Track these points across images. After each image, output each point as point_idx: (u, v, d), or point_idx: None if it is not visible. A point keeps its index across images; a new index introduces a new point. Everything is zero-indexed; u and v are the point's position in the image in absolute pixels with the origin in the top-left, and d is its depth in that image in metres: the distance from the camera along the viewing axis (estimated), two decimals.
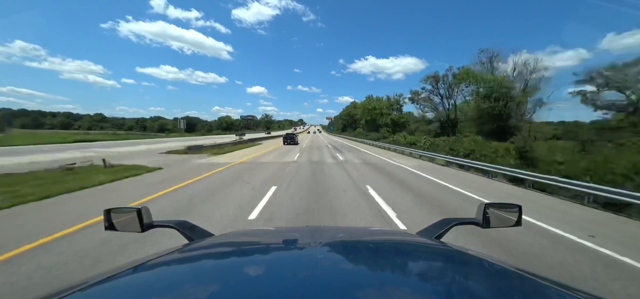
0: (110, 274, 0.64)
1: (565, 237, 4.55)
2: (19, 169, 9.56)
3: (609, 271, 3.41)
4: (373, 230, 2.34)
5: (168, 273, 0.74)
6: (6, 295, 2.54)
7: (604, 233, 4.86)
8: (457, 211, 5.99)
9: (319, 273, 0.67)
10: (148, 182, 8.17)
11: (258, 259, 0.87)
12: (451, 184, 9.13)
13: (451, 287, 0.68)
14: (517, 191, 9.04)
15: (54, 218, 4.65)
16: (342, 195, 6.91)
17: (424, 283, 0.71)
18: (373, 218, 5.15)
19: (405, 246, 1.07)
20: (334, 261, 0.83)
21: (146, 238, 3.46)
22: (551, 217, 5.69)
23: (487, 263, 0.82)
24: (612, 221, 5.82)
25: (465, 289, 0.68)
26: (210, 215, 5.06)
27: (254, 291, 0.56)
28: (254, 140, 35.57)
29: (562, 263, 3.58)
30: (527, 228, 4.81)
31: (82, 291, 0.56)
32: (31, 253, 3.33)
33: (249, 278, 0.67)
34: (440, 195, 7.45)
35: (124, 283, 0.64)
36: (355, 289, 0.59)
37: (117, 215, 1.10)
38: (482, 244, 3.97)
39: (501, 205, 1.20)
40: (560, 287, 0.61)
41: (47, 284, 2.69)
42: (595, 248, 4.09)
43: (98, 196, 6.32)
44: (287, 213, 5.27)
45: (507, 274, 0.75)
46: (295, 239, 1.10)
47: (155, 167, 10.79)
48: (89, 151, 18.69)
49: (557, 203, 7.35)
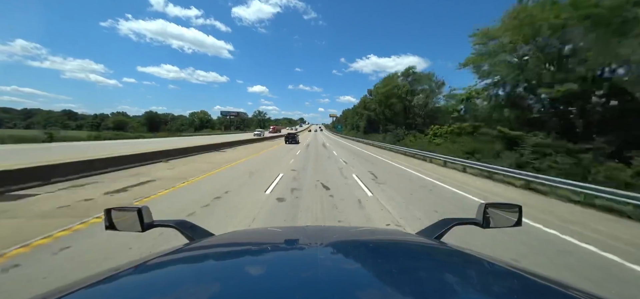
0: (110, 274, 0.64)
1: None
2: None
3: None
4: (373, 230, 2.31)
5: (168, 273, 0.74)
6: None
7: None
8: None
9: (320, 273, 0.67)
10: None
11: (258, 259, 0.86)
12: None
13: (451, 287, 0.68)
14: None
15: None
16: None
17: (424, 283, 0.68)
18: None
19: (405, 246, 1.06)
20: (335, 261, 0.82)
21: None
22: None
23: (487, 263, 0.81)
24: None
25: (466, 289, 0.68)
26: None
27: (255, 291, 0.57)
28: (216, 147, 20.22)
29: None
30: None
31: (82, 291, 0.55)
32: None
33: (250, 277, 0.67)
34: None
35: (124, 283, 0.64)
36: (356, 289, 0.59)
37: (118, 214, 1.10)
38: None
39: (501, 205, 1.20)
40: (560, 287, 0.61)
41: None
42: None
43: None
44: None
45: (507, 274, 0.75)
46: (295, 239, 1.11)
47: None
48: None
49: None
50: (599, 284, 3.17)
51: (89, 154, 12.50)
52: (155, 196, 6.46)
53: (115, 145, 21.39)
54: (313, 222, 4.87)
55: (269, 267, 0.75)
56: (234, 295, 0.55)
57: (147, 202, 5.88)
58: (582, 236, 4.63)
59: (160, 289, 0.60)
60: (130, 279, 0.65)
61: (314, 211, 5.52)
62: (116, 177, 8.49)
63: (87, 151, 14.82)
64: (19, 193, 6.19)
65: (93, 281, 0.60)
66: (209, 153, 17.39)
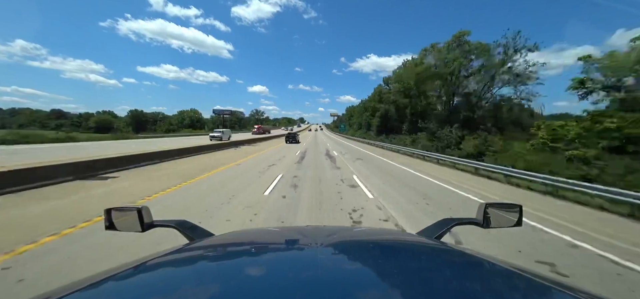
0: (110, 274, 0.64)
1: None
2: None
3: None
4: (373, 230, 2.27)
5: (168, 273, 0.73)
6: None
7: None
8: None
9: (320, 273, 0.67)
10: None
11: (258, 259, 0.86)
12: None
13: (451, 287, 0.66)
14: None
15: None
16: None
17: (424, 283, 0.68)
18: None
19: (405, 246, 1.06)
20: (335, 261, 0.82)
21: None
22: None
23: (487, 263, 0.81)
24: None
25: (465, 289, 0.66)
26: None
27: (255, 291, 0.56)
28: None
29: None
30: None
31: (82, 291, 0.55)
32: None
33: (250, 278, 0.66)
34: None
35: (124, 283, 0.63)
36: (356, 290, 0.59)
37: (118, 214, 1.09)
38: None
39: (501, 205, 1.19)
40: (560, 287, 0.61)
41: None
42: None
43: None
44: None
45: (507, 274, 0.75)
46: (295, 239, 1.11)
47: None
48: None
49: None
50: None
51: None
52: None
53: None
54: None
55: (269, 267, 0.75)
56: (234, 295, 0.54)
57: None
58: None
59: (160, 289, 0.60)
60: (130, 279, 0.65)
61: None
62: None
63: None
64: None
65: (93, 281, 0.60)
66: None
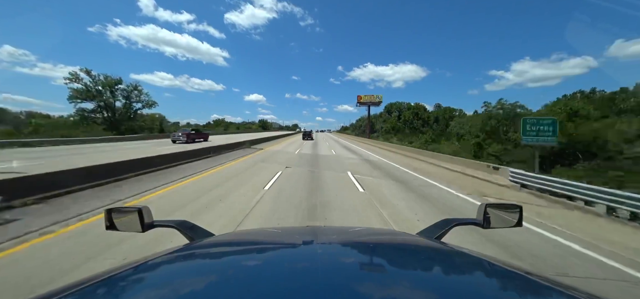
0: (110, 274, 0.63)
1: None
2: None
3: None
4: (373, 230, 2.29)
5: (168, 273, 0.72)
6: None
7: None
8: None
9: (320, 273, 0.66)
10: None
11: (258, 259, 0.84)
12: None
13: (451, 287, 0.66)
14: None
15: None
16: None
17: (424, 283, 0.67)
18: None
19: (405, 247, 1.04)
20: (335, 262, 0.81)
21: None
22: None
23: (487, 263, 0.80)
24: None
25: (466, 290, 0.65)
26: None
27: (255, 291, 0.56)
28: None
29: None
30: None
31: (82, 291, 0.54)
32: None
33: (250, 278, 0.65)
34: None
35: (124, 283, 0.62)
36: (356, 290, 0.58)
37: (118, 214, 1.08)
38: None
39: (501, 206, 1.19)
40: (560, 287, 0.60)
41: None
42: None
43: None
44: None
45: (507, 275, 0.74)
46: (296, 239, 1.10)
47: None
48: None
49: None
50: None
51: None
52: None
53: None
54: None
55: (269, 267, 0.74)
56: (234, 296, 0.54)
57: None
58: None
59: (160, 289, 0.59)
60: (130, 279, 0.64)
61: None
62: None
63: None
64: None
65: (93, 281, 0.59)
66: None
